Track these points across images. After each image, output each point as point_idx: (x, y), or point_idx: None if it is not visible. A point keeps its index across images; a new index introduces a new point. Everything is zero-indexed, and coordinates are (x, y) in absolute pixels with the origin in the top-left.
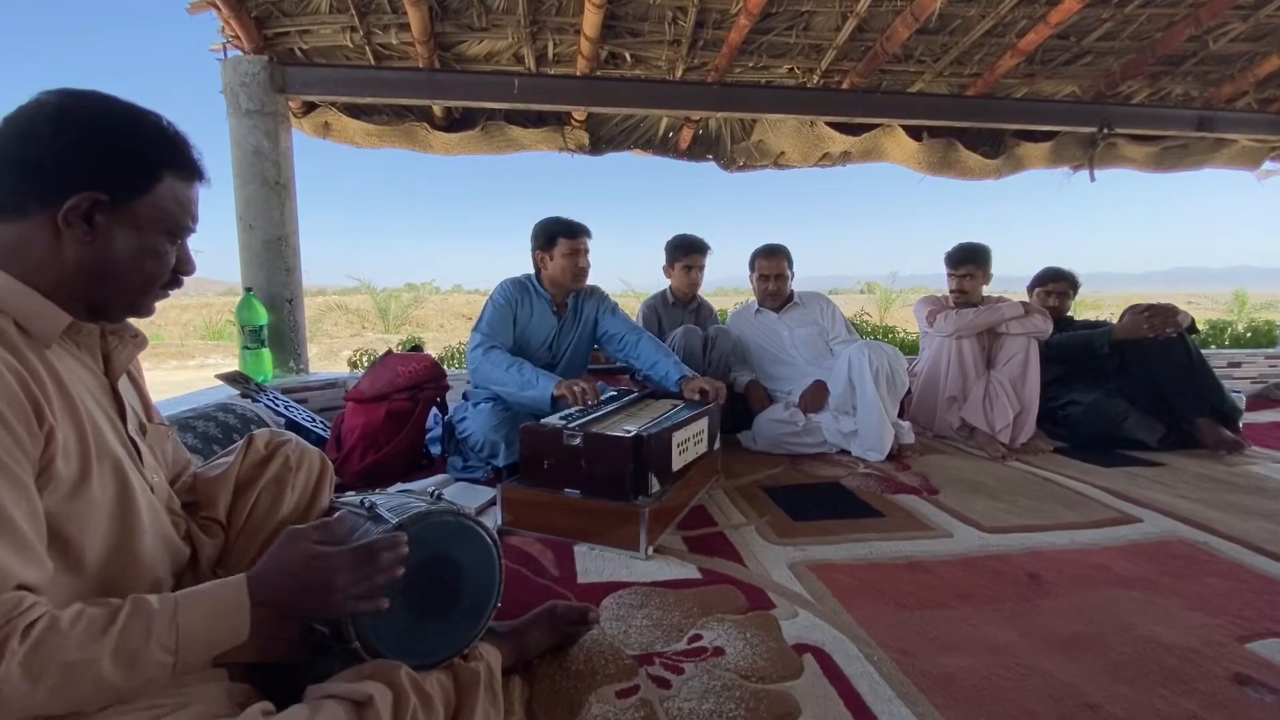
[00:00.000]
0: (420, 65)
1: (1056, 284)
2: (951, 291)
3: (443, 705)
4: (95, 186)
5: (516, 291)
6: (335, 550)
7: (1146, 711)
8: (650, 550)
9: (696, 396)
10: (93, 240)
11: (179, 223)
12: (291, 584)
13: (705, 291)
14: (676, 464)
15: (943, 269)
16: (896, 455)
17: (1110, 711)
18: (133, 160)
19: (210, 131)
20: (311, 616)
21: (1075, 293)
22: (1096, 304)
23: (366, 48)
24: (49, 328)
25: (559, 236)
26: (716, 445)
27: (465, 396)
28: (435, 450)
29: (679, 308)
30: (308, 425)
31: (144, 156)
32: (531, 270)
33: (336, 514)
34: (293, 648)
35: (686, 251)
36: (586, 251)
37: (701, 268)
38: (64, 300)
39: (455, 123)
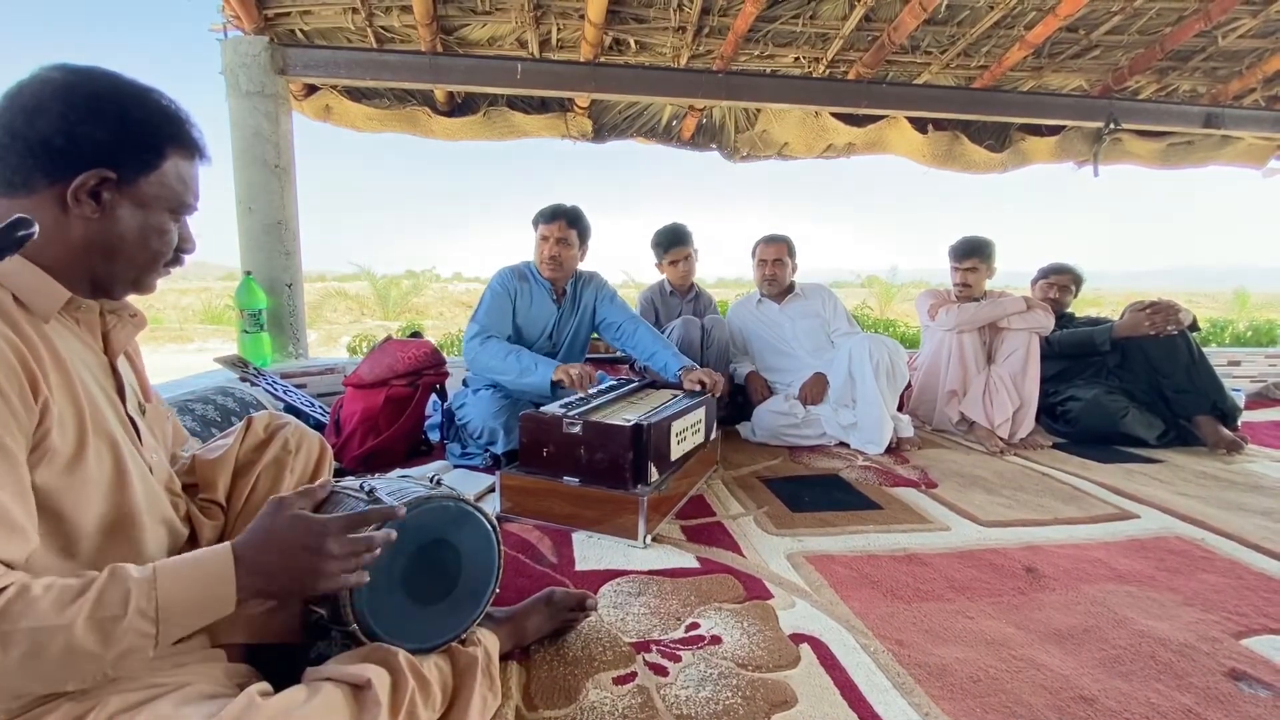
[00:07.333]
0: (422, 49)
1: (1059, 277)
2: (956, 284)
3: (440, 689)
4: (103, 163)
5: (514, 279)
6: (322, 516)
7: (1141, 705)
8: (648, 539)
9: (696, 388)
10: (100, 217)
11: (182, 200)
12: (279, 548)
13: (706, 284)
14: (675, 453)
15: (943, 263)
16: (895, 448)
17: (1105, 705)
18: (140, 138)
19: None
20: (297, 589)
21: (1078, 288)
22: (1097, 301)
23: (368, 30)
24: (47, 302)
25: (537, 222)
26: (714, 436)
27: (465, 383)
28: (434, 436)
29: (677, 297)
30: (307, 410)
31: (150, 134)
32: (532, 257)
33: (334, 495)
34: (291, 629)
35: (668, 247)
36: (558, 240)
37: (688, 258)
38: (67, 276)
39: (457, 108)
